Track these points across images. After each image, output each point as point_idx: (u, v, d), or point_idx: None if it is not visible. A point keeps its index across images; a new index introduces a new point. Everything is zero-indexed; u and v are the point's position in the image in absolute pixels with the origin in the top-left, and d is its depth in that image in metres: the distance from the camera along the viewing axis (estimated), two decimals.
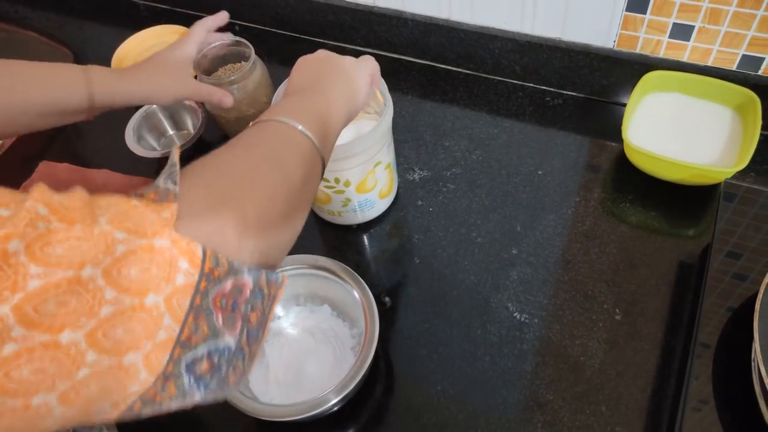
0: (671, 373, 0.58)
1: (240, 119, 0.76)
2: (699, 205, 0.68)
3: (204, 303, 0.31)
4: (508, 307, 0.63)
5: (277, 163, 0.40)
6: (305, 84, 0.52)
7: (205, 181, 0.36)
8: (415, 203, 0.72)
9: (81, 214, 0.27)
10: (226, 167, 0.38)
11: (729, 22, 0.66)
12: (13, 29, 1.04)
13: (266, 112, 0.45)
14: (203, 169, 0.37)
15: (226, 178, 0.37)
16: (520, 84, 0.83)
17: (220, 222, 0.33)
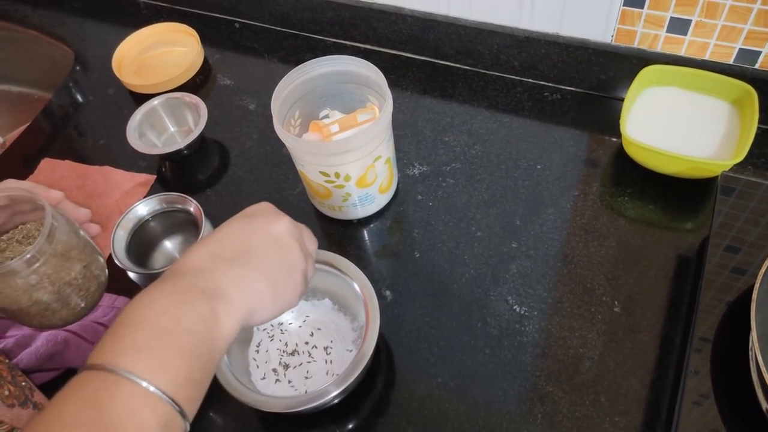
0: (670, 365, 0.58)
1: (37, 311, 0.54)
2: (697, 198, 0.69)
3: None
4: (507, 300, 0.64)
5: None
6: (221, 255, 0.42)
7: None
8: (415, 198, 0.73)
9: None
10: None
11: (726, 15, 0.66)
12: (13, 27, 1.05)
13: (107, 340, 0.35)
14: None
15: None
16: (519, 79, 0.83)
17: None
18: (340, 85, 0.69)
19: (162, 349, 0.36)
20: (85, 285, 0.56)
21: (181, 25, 0.94)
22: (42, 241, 0.50)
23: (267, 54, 0.93)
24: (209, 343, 0.39)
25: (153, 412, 0.34)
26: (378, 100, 0.69)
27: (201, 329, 0.38)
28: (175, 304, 0.38)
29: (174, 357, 0.36)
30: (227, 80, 0.90)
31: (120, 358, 0.34)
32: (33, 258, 0.50)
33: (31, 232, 0.56)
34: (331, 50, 0.91)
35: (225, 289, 0.41)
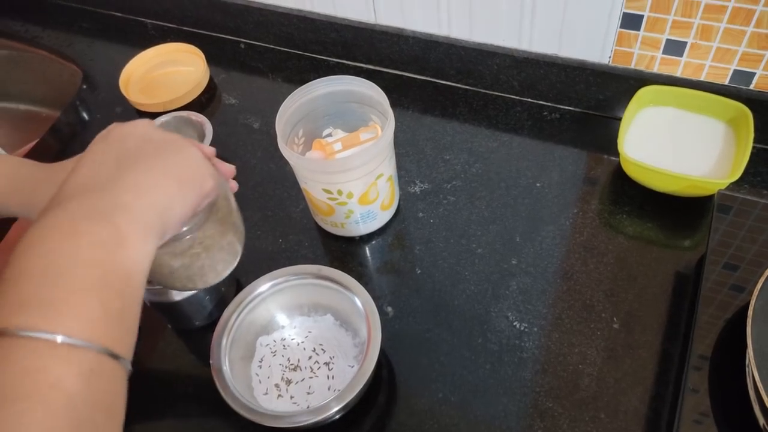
0: (669, 381, 0.59)
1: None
2: (694, 216, 0.70)
3: None
4: (508, 316, 0.64)
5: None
6: (99, 175, 0.37)
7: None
8: (416, 215, 0.74)
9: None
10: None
11: (720, 38, 0.68)
12: (23, 47, 1.07)
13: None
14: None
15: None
16: (518, 99, 0.85)
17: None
18: (343, 105, 0.70)
19: (61, 293, 0.31)
20: (232, 250, 0.54)
21: (188, 45, 0.96)
22: (208, 210, 0.49)
23: (271, 74, 0.95)
24: (119, 268, 0.34)
25: (67, 363, 0.29)
26: (380, 119, 0.70)
27: (102, 256, 0.33)
28: (65, 237, 0.33)
29: (78, 297, 0.31)
30: (232, 99, 0.91)
31: (12, 316, 0.30)
32: (195, 226, 0.48)
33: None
34: (335, 70, 0.93)
35: (121, 199, 0.36)
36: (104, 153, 0.39)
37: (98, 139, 0.42)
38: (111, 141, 0.41)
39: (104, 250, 0.34)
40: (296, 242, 0.73)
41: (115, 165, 0.38)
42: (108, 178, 0.37)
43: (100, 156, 0.39)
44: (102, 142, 0.41)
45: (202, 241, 0.49)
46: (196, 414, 0.62)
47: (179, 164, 0.41)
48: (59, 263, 0.32)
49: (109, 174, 0.37)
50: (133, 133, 0.42)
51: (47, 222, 0.34)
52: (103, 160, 0.39)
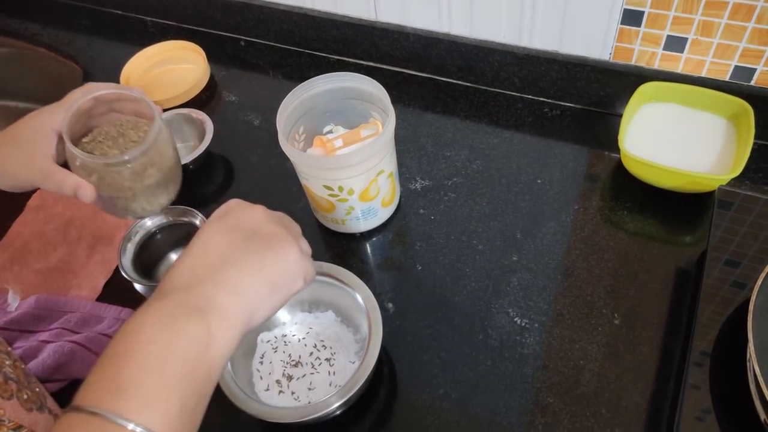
0: (670, 377, 0.59)
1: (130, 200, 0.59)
2: (695, 212, 0.70)
3: None
4: (508, 312, 0.64)
5: None
6: (201, 272, 0.40)
7: None
8: (417, 212, 0.74)
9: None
10: None
11: (721, 34, 0.68)
12: (23, 45, 1.07)
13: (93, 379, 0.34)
14: None
15: None
16: (519, 96, 0.85)
17: None
18: (343, 101, 0.70)
19: (151, 384, 0.34)
20: (176, 167, 0.61)
21: (188, 43, 0.96)
22: (156, 129, 0.55)
23: (272, 71, 0.95)
24: (205, 365, 0.37)
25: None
26: (381, 116, 0.70)
27: (194, 352, 0.36)
28: (163, 329, 0.36)
29: (164, 390, 0.34)
30: (233, 97, 0.91)
31: (104, 398, 0.32)
32: (146, 150, 0.55)
33: (124, 128, 0.58)
34: (335, 67, 0.93)
35: (216, 299, 0.39)
36: (214, 239, 0.43)
37: (215, 218, 0.45)
38: (224, 225, 0.44)
39: (195, 346, 0.37)
40: None
41: (220, 258, 0.41)
42: (210, 271, 0.41)
43: (210, 243, 0.43)
44: (217, 224, 0.44)
45: (153, 163, 0.57)
46: None
47: (278, 266, 0.43)
48: (156, 353, 0.35)
49: (212, 267, 0.41)
50: (247, 221, 0.45)
51: (151, 311, 0.38)
52: (212, 249, 0.42)
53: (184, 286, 0.39)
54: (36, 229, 0.78)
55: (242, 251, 0.42)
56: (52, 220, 0.79)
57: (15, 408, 0.47)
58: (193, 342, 0.37)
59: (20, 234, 0.78)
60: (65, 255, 0.75)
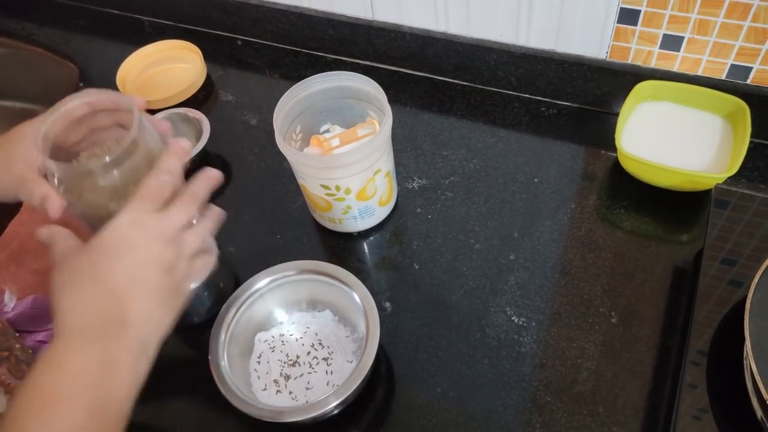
0: (667, 375, 0.59)
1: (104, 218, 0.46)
2: (692, 211, 0.70)
3: None
4: (506, 311, 0.65)
5: None
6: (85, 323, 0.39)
7: None
8: (414, 211, 0.74)
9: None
10: None
11: (717, 32, 0.68)
12: (20, 45, 1.07)
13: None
14: None
15: None
16: (516, 95, 0.85)
17: None
18: (340, 101, 0.70)
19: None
20: None
21: (185, 43, 0.96)
22: (131, 136, 0.45)
23: (268, 70, 0.95)
24: (125, 395, 0.39)
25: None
26: (378, 115, 0.70)
27: (125, 390, 0.39)
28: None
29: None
30: (229, 96, 0.91)
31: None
32: (118, 159, 0.45)
33: (113, 148, 0.50)
34: (332, 66, 0.93)
35: (142, 333, 0.41)
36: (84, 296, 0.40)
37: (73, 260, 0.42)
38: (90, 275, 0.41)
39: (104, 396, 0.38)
40: (294, 238, 0.73)
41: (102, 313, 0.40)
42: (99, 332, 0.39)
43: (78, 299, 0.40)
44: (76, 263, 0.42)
45: (135, 180, 0.47)
46: (195, 410, 0.62)
47: (162, 303, 0.43)
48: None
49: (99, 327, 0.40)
50: (115, 257, 0.41)
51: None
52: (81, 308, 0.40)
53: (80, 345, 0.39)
54: (33, 230, 0.78)
55: (121, 300, 0.40)
56: (48, 220, 0.78)
57: None
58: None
59: (17, 234, 0.78)
60: None
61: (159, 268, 0.41)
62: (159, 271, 0.41)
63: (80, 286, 0.39)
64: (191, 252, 0.45)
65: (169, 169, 0.44)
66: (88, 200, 0.47)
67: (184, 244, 0.44)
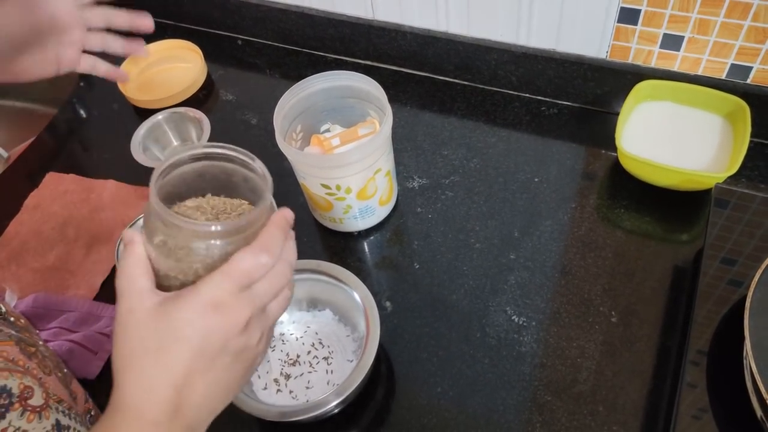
0: (667, 375, 0.59)
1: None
2: (692, 210, 0.70)
3: None
4: (506, 310, 0.65)
5: None
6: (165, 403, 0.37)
7: None
8: (415, 210, 0.74)
9: None
10: None
11: (717, 32, 0.68)
12: None
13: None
14: None
15: None
16: (516, 94, 0.85)
17: None
18: (341, 100, 0.70)
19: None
20: None
21: (185, 42, 0.96)
22: (257, 212, 0.41)
23: (269, 70, 0.95)
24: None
25: None
26: (378, 115, 0.70)
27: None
28: None
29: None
30: (230, 95, 0.91)
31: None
32: (229, 232, 0.39)
33: (227, 207, 0.45)
34: (332, 66, 0.93)
35: (195, 424, 0.38)
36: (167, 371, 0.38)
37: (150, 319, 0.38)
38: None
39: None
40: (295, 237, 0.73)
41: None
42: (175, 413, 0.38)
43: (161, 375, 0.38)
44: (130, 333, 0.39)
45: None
46: None
47: (243, 379, 0.41)
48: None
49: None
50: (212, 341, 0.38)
51: None
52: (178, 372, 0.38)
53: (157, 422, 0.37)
54: (33, 229, 0.78)
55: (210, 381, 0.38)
56: (49, 220, 0.79)
57: (55, 383, 0.48)
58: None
59: (18, 233, 0.78)
60: (63, 254, 0.75)
61: (228, 357, 0.38)
62: (227, 360, 0.38)
63: (143, 365, 0.37)
64: (269, 326, 0.42)
65: (269, 247, 0.39)
66: (179, 258, 0.40)
67: (262, 322, 0.40)
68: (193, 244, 0.39)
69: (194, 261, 0.40)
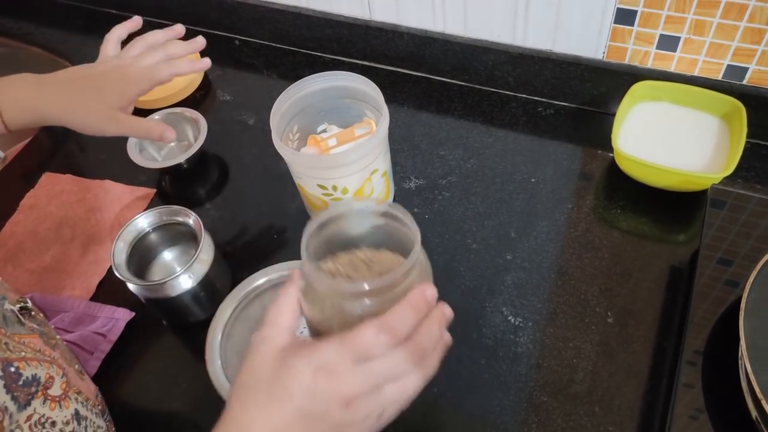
0: (663, 376, 0.59)
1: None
2: (688, 211, 0.70)
3: None
4: (503, 311, 0.65)
5: None
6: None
7: None
8: (412, 211, 0.74)
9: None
10: None
11: (713, 33, 0.68)
12: (17, 45, 1.06)
13: None
14: None
15: None
16: (513, 95, 0.85)
17: None
18: (337, 101, 0.70)
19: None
20: None
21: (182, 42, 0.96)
22: (403, 271, 0.39)
23: (266, 70, 0.95)
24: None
25: None
26: (375, 115, 0.70)
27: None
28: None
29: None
30: (227, 96, 0.91)
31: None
32: (374, 291, 0.39)
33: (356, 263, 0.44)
34: (329, 66, 0.93)
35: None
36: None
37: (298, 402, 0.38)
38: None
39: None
40: (291, 238, 0.73)
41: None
42: None
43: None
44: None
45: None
46: (192, 410, 0.62)
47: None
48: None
49: None
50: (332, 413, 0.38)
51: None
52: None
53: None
54: (29, 229, 0.78)
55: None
56: (45, 220, 0.79)
57: (74, 375, 0.50)
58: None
59: (13, 233, 0.78)
60: (59, 255, 0.75)
61: (328, 425, 0.37)
62: (326, 428, 0.37)
63: (251, 401, 0.38)
64: (381, 407, 0.39)
65: (393, 326, 0.37)
66: (322, 309, 0.41)
67: (372, 401, 0.38)
68: (333, 299, 0.40)
69: (334, 316, 0.40)
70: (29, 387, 0.43)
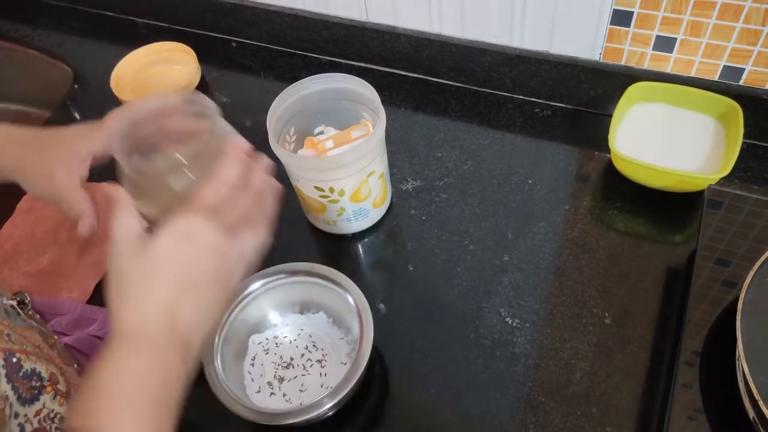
0: (660, 376, 0.59)
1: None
2: (685, 212, 0.70)
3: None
4: (500, 312, 0.65)
5: None
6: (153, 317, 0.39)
7: None
8: (409, 212, 0.74)
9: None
10: None
11: (710, 34, 0.68)
12: (13, 47, 1.06)
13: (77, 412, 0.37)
14: None
15: None
16: (510, 96, 0.85)
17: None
18: (334, 102, 0.70)
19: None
20: None
21: (179, 44, 0.96)
22: (204, 138, 0.46)
23: (263, 72, 0.95)
24: (178, 394, 0.41)
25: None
26: (372, 117, 0.70)
27: (177, 389, 0.40)
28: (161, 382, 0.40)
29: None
30: (224, 98, 0.91)
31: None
32: (190, 161, 0.45)
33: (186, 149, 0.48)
34: (326, 68, 0.93)
35: (189, 338, 0.41)
36: (172, 270, 0.41)
37: (173, 235, 0.41)
38: (180, 252, 0.41)
39: (179, 385, 0.41)
40: (288, 240, 0.73)
41: (181, 291, 0.41)
42: (177, 313, 0.41)
43: (166, 272, 0.41)
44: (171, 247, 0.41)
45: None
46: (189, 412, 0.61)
47: (222, 298, 0.44)
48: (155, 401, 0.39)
49: (177, 306, 0.41)
50: (205, 253, 0.42)
51: (144, 364, 0.40)
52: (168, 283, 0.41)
53: (157, 333, 0.40)
54: (26, 232, 0.78)
55: (199, 289, 0.42)
56: (42, 223, 0.78)
57: (72, 374, 0.51)
58: (179, 382, 0.41)
59: (10, 236, 0.78)
60: (56, 257, 0.75)
61: (207, 278, 0.42)
62: (206, 280, 0.42)
63: (130, 295, 0.40)
64: (244, 249, 0.44)
65: (225, 177, 0.43)
66: (156, 200, 0.46)
67: (235, 245, 0.43)
68: (159, 186, 0.44)
69: (168, 201, 0.44)
70: (29, 380, 0.44)
